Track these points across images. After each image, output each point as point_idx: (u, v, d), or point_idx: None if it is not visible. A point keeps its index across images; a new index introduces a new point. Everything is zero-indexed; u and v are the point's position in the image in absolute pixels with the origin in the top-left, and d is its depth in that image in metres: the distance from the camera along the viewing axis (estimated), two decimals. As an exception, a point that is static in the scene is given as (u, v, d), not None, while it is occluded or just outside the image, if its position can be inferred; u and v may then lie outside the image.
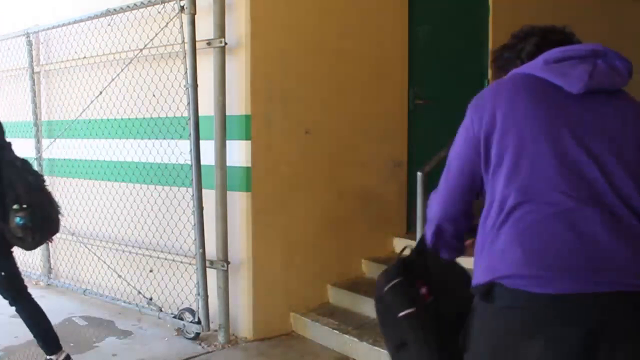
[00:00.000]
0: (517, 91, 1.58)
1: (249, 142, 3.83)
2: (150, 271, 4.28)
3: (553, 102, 1.54)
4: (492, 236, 1.51)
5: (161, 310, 4.00)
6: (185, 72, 3.73)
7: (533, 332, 1.43)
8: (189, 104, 3.74)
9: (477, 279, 1.54)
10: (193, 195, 3.79)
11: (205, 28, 3.72)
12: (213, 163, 3.80)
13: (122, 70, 4.21)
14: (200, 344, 3.82)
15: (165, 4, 3.87)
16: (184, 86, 3.77)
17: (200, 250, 3.77)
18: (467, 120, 1.64)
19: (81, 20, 4.49)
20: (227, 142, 3.80)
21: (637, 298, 1.40)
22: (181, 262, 4.03)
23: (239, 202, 3.88)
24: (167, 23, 3.84)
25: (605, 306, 1.40)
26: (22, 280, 3.38)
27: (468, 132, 1.62)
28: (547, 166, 1.48)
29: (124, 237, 4.50)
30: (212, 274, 3.83)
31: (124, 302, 4.29)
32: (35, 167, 5.01)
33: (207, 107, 3.77)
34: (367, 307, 3.98)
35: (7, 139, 3.21)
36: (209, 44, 3.75)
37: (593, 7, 6.51)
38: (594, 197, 1.45)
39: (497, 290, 1.47)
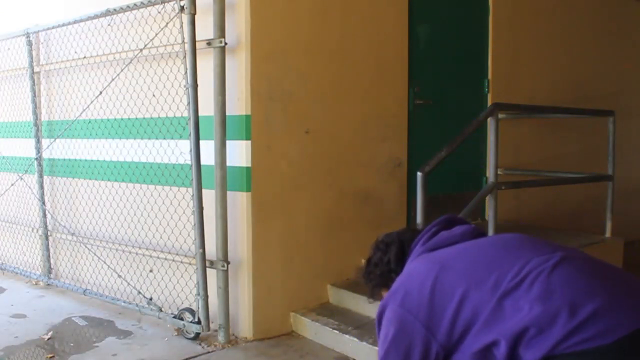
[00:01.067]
0: (447, 255, 1.75)
1: (249, 142, 3.83)
2: (150, 271, 4.28)
3: (481, 251, 1.75)
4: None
5: (161, 310, 4.00)
6: (185, 72, 3.73)
7: None
8: (189, 104, 3.74)
9: None
10: (193, 195, 3.79)
11: (205, 28, 3.72)
12: (213, 163, 3.80)
13: (122, 70, 4.21)
14: (200, 344, 3.82)
15: (165, 4, 3.87)
16: (184, 86, 3.77)
17: (200, 250, 3.77)
18: (413, 313, 1.64)
19: (81, 20, 4.49)
20: (227, 142, 3.80)
21: None
22: (181, 262, 4.03)
23: (239, 202, 3.88)
24: (167, 23, 3.84)
25: None
26: None
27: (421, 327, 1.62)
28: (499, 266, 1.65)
29: (124, 237, 4.50)
30: (212, 274, 3.83)
31: (124, 302, 4.29)
32: (35, 167, 5.03)
33: (207, 107, 3.77)
34: (367, 307, 3.98)
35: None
36: (209, 44, 3.75)
37: (592, 7, 6.52)
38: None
39: None
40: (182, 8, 3.73)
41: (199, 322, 3.80)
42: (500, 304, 1.52)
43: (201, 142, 3.76)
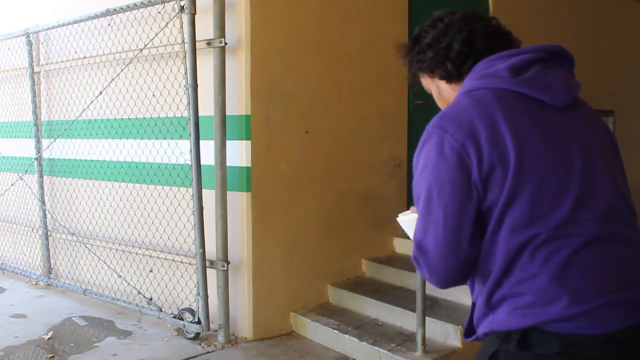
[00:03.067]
0: (511, 110, 1.39)
1: (249, 142, 3.83)
2: (150, 271, 4.28)
3: (544, 120, 1.40)
4: (518, 277, 1.35)
5: (161, 310, 4.00)
6: (185, 72, 3.73)
7: None
8: (189, 104, 3.74)
9: (508, 324, 1.36)
10: (193, 195, 3.79)
11: (205, 28, 3.72)
12: (213, 163, 3.79)
13: (122, 70, 4.21)
14: (200, 344, 3.82)
15: (165, 4, 3.86)
16: (184, 86, 3.77)
17: (200, 250, 3.77)
18: (451, 149, 1.37)
19: (81, 20, 4.49)
20: (227, 142, 3.79)
21: None
22: (181, 262, 4.03)
23: (239, 202, 3.88)
24: (167, 23, 3.84)
25: None
26: None
27: (461, 164, 1.36)
28: (569, 193, 1.35)
29: (124, 237, 4.50)
30: (212, 274, 3.82)
31: (124, 302, 4.29)
32: (35, 167, 5.03)
33: (207, 107, 3.77)
34: (367, 307, 3.99)
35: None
36: (209, 44, 3.74)
37: (592, 8, 6.52)
38: (612, 216, 1.38)
39: (536, 335, 1.32)
40: (182, 8, 3.73)
41: (199, 322, 3.79)
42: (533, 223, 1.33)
43: (201, 142, 3.76)
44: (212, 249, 3.82)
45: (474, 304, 1.52)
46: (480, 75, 1.46)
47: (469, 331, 1.56)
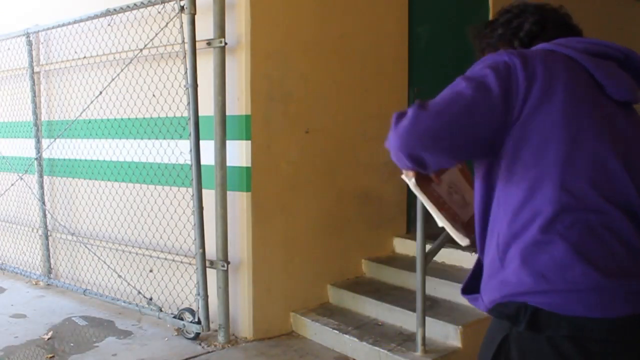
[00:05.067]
0: (574, 73, 1.39)
1: (249, 142, 3.83)
2: (150, 271, 4.28)
3: (598, 102, 1.40)
4: (532, 242, 1.32)
5: (161, 310, 4.00)
6: (185, 72, 3.73)
7: None
8: (189, 104, 3.74)
9: (515, 295, 1.32)
10: (193, 195, 3.79)
11: (205, 28, 3.72)
12: (213, 163, 3.80)
13: (122, 70, 4.21)
14: (200, 344, 3.82)
15: (165, 4, 3.87)
16: (184, 86, 3.77)
17: (200, 250, 3.77)
18: (504, 65, 1.34)
19: (81, 20, 4.49)
20: (227, 142, 3.80)
21: None
22: (181, 262, 4.03)
23: (239, 202, 3.88)
24: (167, 23, 3.84)
25: None
26: None
27: (503, 83, 1.32)
28: (600, 167, 1.33)
29: (124, 237, 4.50)
30: (212, 274, 3.83)
31: (124, 302, 4.29)
32: (35, 167, 5.03)
33: (207, 107, 3.77)
34: (367, 307, 3.99)
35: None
36: (209, 44, 3.74)
37: (593, 8, 6.51)
38: (629, 206, 1.35)
39: (543, 315, 1.29)
40: (182, 8, 3.73)
41: (199, 322, 3.80)
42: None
43: (201, 142, 3.76)
44: (212, 249, 3.82)
45: (479, 261, 1.50)
46: (555, 42, 1.47)
47: (468, 288, 1.54)
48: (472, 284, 1.52)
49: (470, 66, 1.45)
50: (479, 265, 1.51)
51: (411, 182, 1.54)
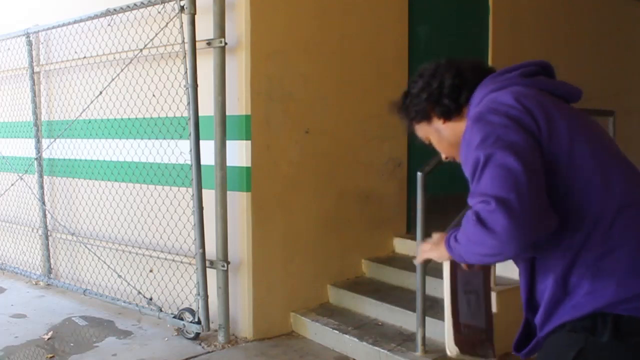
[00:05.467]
0: (544, 95, 1.48)
1: (249, 142, 3.83)
2: (150, 271, 4.28)
3: (569, 109, 1.50)
4: (595, 251, 1.34)
5: (161, 310, 4.00)
6: (185, 72, 3.73)
7: None
8: (189, 104, 3.74)
9: (588, 307, 1.32)
10: (193, 195, 3.79)
11: (205, 28, 3.72)
12: (213, 163, 3.79)
13: (122, 70, 4.21)
14: (200, 344, 3.82)
15: (165, 4, 3.86)
16: (184, 86, 3.77)
17: (200, 250, 3.77)
18: (505, 114, 1.38)
19: (81, 20, 4.49)
20: (227, 142, 3.79)
21: None
22: (181, 262, 4.03)
23: (239, 202, 3.88)
24: (167, 23, 3.84)
25: None
26: None
27: (530, 132, 1.38)
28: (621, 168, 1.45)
29: (124, 237, 4.50)
30: (212, 274, 3.82)
31: (124, 302, 4.29)
32: (35, 167, 5.03)
33: (207, 107, 3.76)
34: (367, 307, 3.99)
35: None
36: (209, 44, 3.74)
37: (593, 8, 6.51)
38: None
39: (628, 322, 1.29)
40: (182, 8, 3.73)
41: (199, 322, 3.79)
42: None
43: (201, 142, 3.76)
44: (212, 249, 3.82)
45: (527, 320, 1.54)
46: (492, 88, 1.50)
47: (520, 345, 1.56)
48: (522, 342, 1.56)
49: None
50: (527, 324, 1.54)
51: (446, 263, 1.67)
